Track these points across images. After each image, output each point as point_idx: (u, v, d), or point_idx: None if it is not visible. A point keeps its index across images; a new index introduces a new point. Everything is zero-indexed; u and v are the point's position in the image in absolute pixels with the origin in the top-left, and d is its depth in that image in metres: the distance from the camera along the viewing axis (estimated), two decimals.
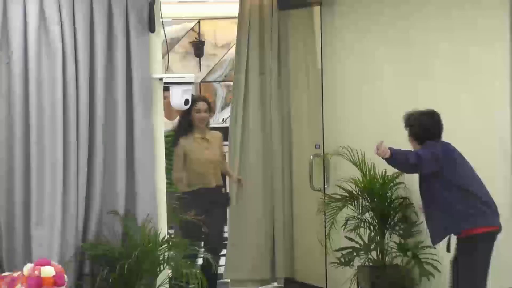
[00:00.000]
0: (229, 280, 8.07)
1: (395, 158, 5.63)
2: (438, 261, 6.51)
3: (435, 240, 5.84)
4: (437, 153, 5.69)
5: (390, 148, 5.61)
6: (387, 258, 6.89)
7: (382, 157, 5.62)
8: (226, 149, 8.11)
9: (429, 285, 6.63)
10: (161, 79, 6.14)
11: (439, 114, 5.87)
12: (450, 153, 5.77)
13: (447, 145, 5.84)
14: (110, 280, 5.71)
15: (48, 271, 5.07)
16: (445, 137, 6.29)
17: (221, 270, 8.00)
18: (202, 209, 7.04)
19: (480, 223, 5.68)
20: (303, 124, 8.11)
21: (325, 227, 7.20)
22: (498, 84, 6.06)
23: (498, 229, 5.75)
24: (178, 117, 7.79)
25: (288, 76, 8.05)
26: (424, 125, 5.86)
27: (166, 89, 6.27)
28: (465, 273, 5.73)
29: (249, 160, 7.89)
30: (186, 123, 7.55)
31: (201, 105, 7.55)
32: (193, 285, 5.80)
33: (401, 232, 6.83)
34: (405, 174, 6.94)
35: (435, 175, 5.71)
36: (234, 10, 8.52)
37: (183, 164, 7.47)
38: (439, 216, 5.73)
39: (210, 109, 7.73)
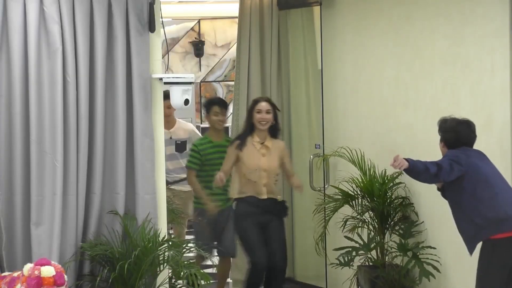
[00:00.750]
0: (231, 280, 8.07)
1: (413, 169, 5.52)
2: (438, 261, 6.51)
3: (469, 249, 5.63)
4: (457, 160, 5.54)
5: (407, 159, 5.50)
6: (387, 258, 6.89)
7: (399, 169, 5.52)
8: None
9: (429, 285, 6.63)
10: (161, 79, 6.13)
11: (474, 125, 5.77)
12: (474, 159, 5.61)
13: (474, 151, 5.72)
14: (110, 280, 5.71)
15: (48, 271, 5.07)
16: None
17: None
18: (253, 219, 6.92)
19: (505, 229, 5.50)
20: (303, 124, 8.11)
21: (325, 228, 7.20)
22: (498, 84, 6.05)
23: None
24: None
25: (288, 76, 8.05)
26: (460, 134, 5.72)
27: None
28: (482, 277, 5.60)
29: None
30: (248, 125, 6.96)
31: (263, 105, 6.88)
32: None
33: (401, 232, 6.83)
34: (405, 174, 6.95)
35: (457, 182, 5.57)
36: (234, 10, 8.52)
37: (230, 168, 6.96)
38: (466, 225, 5.58)
39: (274, 111, 6.93)
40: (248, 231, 6.95)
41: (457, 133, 5.71)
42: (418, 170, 5.51)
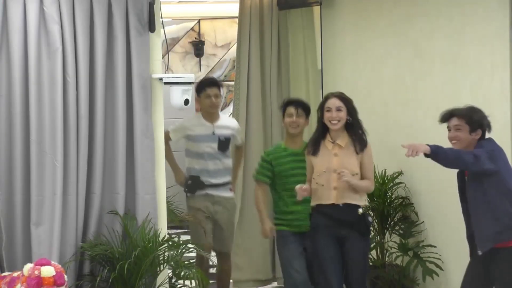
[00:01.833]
0: (231, 280, 8.07)
1: (439, 154, 5.11)
2: (440, 259, 6.52)
3: (485, 245, 5.20)
4: (493, 152, 5.31)
5: (428, 145, 5.14)
6: (387, 258, 6.89)
7: (416, 155, 5.09)
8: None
9: (429, 285, 6.64)
10: (161, 79, 6.14)
11: None
12: (504, 153, 5.43)
13: (498, 145, 5.51)
14: (110, 280, 5.71)
15: (48, 271, 5.07)
16: (445, 137, 6.30)
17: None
18: (323, 232, 5.81)
19: None
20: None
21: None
22: (498, 84, 6.05)
23: None
24: None
25: (288, 76, 8.05)
26: (483, 117, 5.39)
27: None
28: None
29: (251, 160, 7.88)
30: (319, 125, 5.97)
31: (333, 102, 5.86)
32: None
33: (401, 232, 6.83)
34: (404, 173, 6.95)
35: (489, 175, 5.23)
36: (234, 10, 8.51)
37: (310, 176, 5.92)
38: (491, 220, 5.21)
39: (348, 107, 5.89)
40: (319, 249, 5.82)
41: (483, 116, 5.41)
42: (447, 156, 5.15)
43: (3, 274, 5.42)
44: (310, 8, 7.87)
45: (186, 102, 6.23)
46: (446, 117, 5.36)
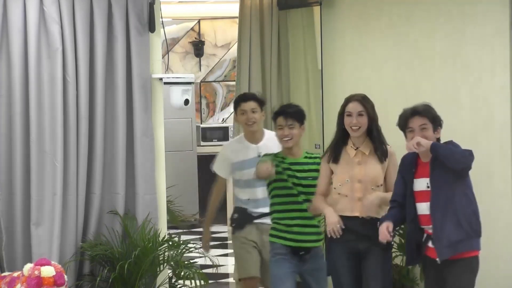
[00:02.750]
0: (234, 280, 8.07)
1: (444, 148, 4.87)
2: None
3: (446, 252, 4.84)
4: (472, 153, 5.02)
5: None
6: None
7: (416, 148, 4.86)
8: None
9: None
10: (161, 79, 6.14)
11: None
12: None
13: None
14: (110, 280, 5.71)
15: (48, 271, 5.07)
16: (445, 136, 6.29)
17: (228, 270, 8.00)
18: (344, 246, 5.27)
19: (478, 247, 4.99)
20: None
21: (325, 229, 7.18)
22: (498, 83, 6.05)
23: None
24: None
25: (288, 76, 8.05)
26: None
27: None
28: None
29: None
30: (339, 130, 5.46)
31: (352, 106, 5.37)
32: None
33: (401, 232, 6.82)
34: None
35: (461, 179, 4.94)
36: (234, 10, 8.51)
37: (326, 187, 5.40)
38: (456, 227, 4.85)
39: (369, 112, 5.38)
40: (337, 264, 5.34)
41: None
42: (451, 148, 4.91)
43: (3, 274, 5.41)
44: (310, 8, 7.87)
45: (186, 102, 6.23)
46: (407, 117, 5.04)
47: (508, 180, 5.99)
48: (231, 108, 11.85)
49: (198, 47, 12.28)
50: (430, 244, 4.92)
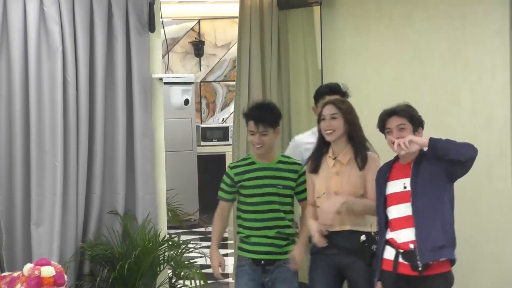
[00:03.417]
0: (233, 280, 8.06)
1: (443, 141, 4.64)
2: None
3: (428, 257, 4.59)
4: None
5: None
6: None
7: (404, 149, 4.63)
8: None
9: None
10: (161, 79, 6.14)
11: None
12: None
13: None
14: (110, 280, 5.71)
15: (48, 271, 5.07)
16: (445, 137, 6.29)
17: (229, 270, 7.99)
18: (325, 261, 5.04)
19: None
20: (303, 124, 8.10)
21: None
22: (498, 84, 6.05)
23: None
24: None
25: (288, 76, 8.05)
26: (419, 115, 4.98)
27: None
28: None
29: None
30: (319, 138, 5.13)
31: (326, 109, 5.07)
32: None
33: None
34: None
35: (450, 183, 4.74)
36: (234, 10, 8.51)
37: (313, 198, 5.09)
38: (440, 231, 4.64)
39: (345, 115, 5.04)
40: (313, 277, 5.12)
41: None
42: (451, 140, 4.69)
43: (3, 274, 5.41)
44: (310, 8, 7.86)
45: (186, 102, 6.23)
46: (385, 117, 4.87)
47: (508, 180, 5.99)
48: (231, 108, 11.86)
49: (198, 47, 12.28)
50: (401, 259, 4.66)
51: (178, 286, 6.04)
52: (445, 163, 4.64)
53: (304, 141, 5.63)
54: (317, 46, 7.73)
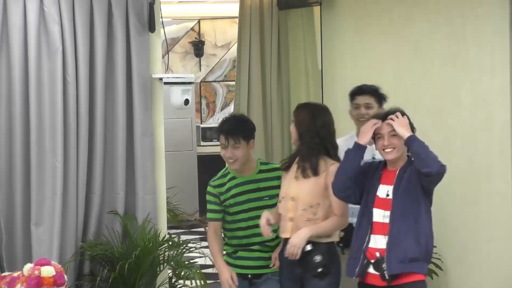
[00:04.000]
0: None
1: (421, 144, 4.52)
2: (440, 259, 6.51)
3: (397, 268, 4.49)
4: None
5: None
6: None
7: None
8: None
9: (429, 284, 6.63)
10: (161, 79, 6.14)
11: None
12: None
13: None
14: (110, 280, 5.71)
15: (48, 271, 5.06)
16: (445, 137, 6.30)
17: None
18: (286, 272, 4.90)
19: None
20: None
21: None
22: (498, 84, 6.05)
23: None
24: None
25: (288, 76, 8.05)
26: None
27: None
28: None
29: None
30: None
31: (295, 113, 4.98)
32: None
33: None
34: None
35: (429, 194, 4.65)
36: (234, 10, 8.52)
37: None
38: (414, 243, 4.52)
39: (298, 121, 4.93)
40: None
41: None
42: (426, 151, 4.51)
43: (3, 274, 5.41)
44: (310, 8, 7.87)
45: (186, 102, 6.23)
46: (379, 117, 4.77)
47: (508, 180, 5.99)
48: (231, 108, 11.87)
49: (198, 47, 12.29)
50: (371, 270, 4.59)
51: (178, 286, 6.04)
52: (421, 178, 4.54)
53: (341, 144, 5.21)
54: (317, 46, 7.73)
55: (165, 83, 6.17)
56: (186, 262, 5.92)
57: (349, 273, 4.67)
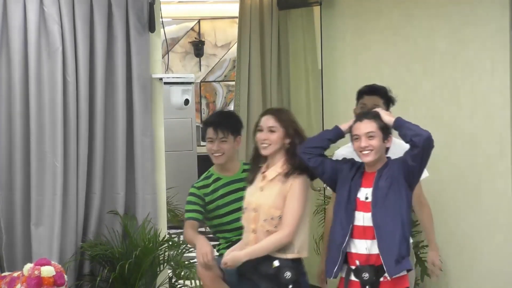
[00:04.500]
0: None
1: (409, 122, 4.47)
2: (439, 260, 6.51)
3: (395, 270, 4.41)
4: None
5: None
6: None
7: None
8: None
9: (429, 284, 6.63)
10: (161, 79, 6.14)
11: None
12: None
13: None
14: (110, 280, 5.71)
15: (48, 271, 5.07)
16: (445, 137, 6.30)
17: None
18: (247, 284, 4.77)
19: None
20: (303, 124, 8.09)
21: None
22: (498, 84, 6.05)
23: None
24: None
25: (288, 76, 8.05)
26: None
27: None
28: None
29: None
30: (255, 149, 4.79)
31: (263, 120, 4.70)
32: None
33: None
34: None
35: (410, 190, 4.54)
36: (234, 10, 8.52)
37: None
38: (401, 241, 4.44)
39: (285, 127, 4.68)
40: None
41: None
42: (415, 125, 4.48)
43: (3, 274, 5.41)
44: (310, 8, 7.87)
45: (186, 102, 6.23)
46: (360, 117, 4.64)
47: (508, 180, 5.99)
48: (231, 108, 11.86)
49: (198, 47, 12.28)
50: (352, 277, 4.50)
51: (178, 286, 6.04)
52: (406, 163, 4.46)
53: (342, 153, 5.11)
54: (317, 46, 7.73)
55: (165, 83, 6.17)
56: (186, 262, 5.93)
57: (328, 273, 4.57)
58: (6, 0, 5.71)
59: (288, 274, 4.56)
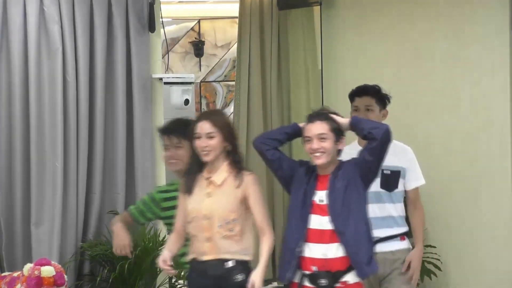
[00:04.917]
0: None
1: (363, 119, 4.49)
2: (439, 259, 6.52)
3: (367, 270, 4.29)
4: None
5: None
6: None
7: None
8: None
9: (429, 284, 6.64)
10: (161, 79, 6.14)
11: None
12: None
13: None
14: (110, 280, 5.71)
15: (48, 271, 5.07)
16: (445, 137, 6.30)
17: None
18: None
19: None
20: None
21: None
22: (498, 84, 6.06)
23: None
24: None
25: (288, 76, 8.05)
26: None
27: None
28: None
29: (251, 160, 7.88)
30: (193, 156, 4.56)
31: (200, 126, 4.48)
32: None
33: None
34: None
35: (366, 188, 4.42)
36: (234, 10, 8.52)
37: (182, 223, 4.54)
38: (368, 242, 4.33)
39: (222, 132, 4.47)
40: None
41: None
42: (371, 121, 4.50)
43: (3, 274, 5.41)
44: (310, 8, 7.87)
45: (186, 102, 6.24)
46: (307, 121, 4.55)
47: (508, 180, 6.00)
48: (231, 108, 11.85)
49: (198, 47, 12.26)
50: (307, 283, 4.32)
51: (178, 286, 6.04)
52: (361, 160, 4.37)
53: (347, 151, 4.82)
54: (317, 46, 7.73)
55: (165, 83, 6.17)
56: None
57: (280, 277, 4.42)
58: (6, 0, 5.71)
59: (239, 277, 4.43)
